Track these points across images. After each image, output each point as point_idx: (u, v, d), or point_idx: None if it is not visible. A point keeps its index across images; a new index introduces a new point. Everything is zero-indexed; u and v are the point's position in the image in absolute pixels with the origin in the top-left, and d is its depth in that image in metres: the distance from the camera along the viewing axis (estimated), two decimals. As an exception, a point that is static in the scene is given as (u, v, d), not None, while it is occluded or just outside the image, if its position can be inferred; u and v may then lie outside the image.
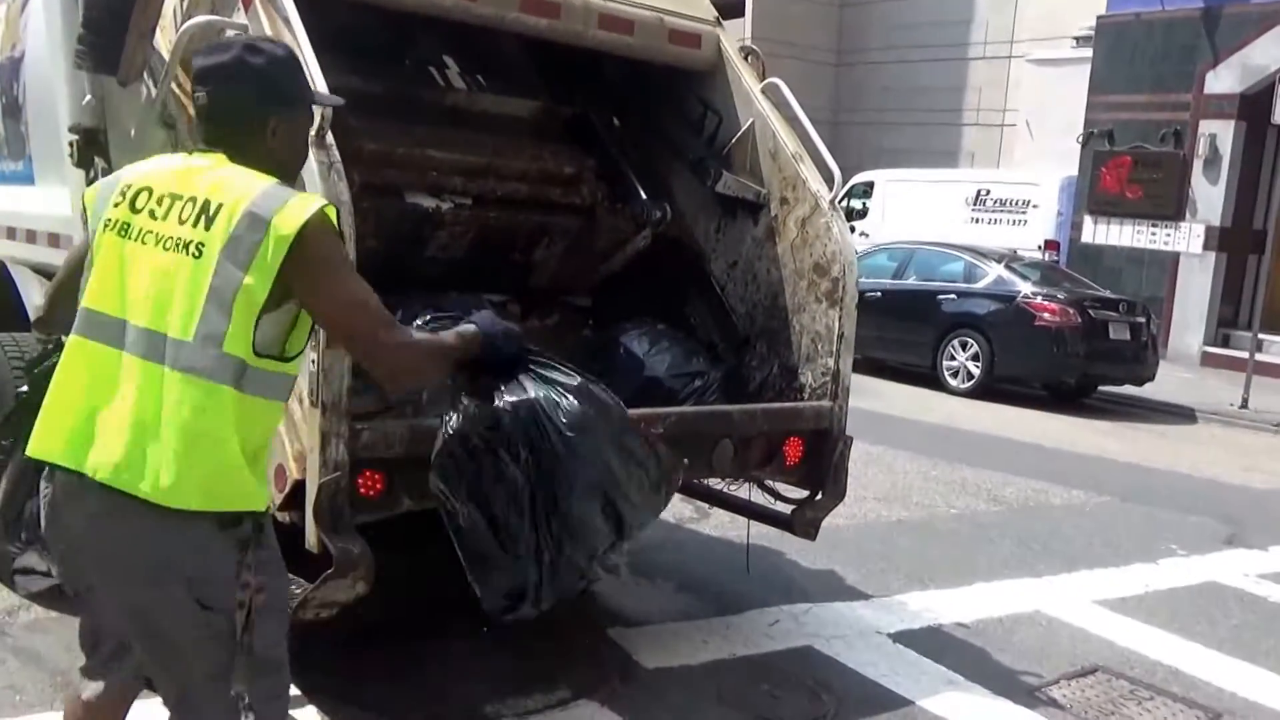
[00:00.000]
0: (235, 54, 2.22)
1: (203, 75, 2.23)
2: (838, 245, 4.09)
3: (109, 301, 2.12)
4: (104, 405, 2.08)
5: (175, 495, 2.04)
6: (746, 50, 4.56)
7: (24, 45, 4.79)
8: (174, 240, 2.09)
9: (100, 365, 2.10)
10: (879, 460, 8.06)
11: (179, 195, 2.13)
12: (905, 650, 4.47)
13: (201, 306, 2.06)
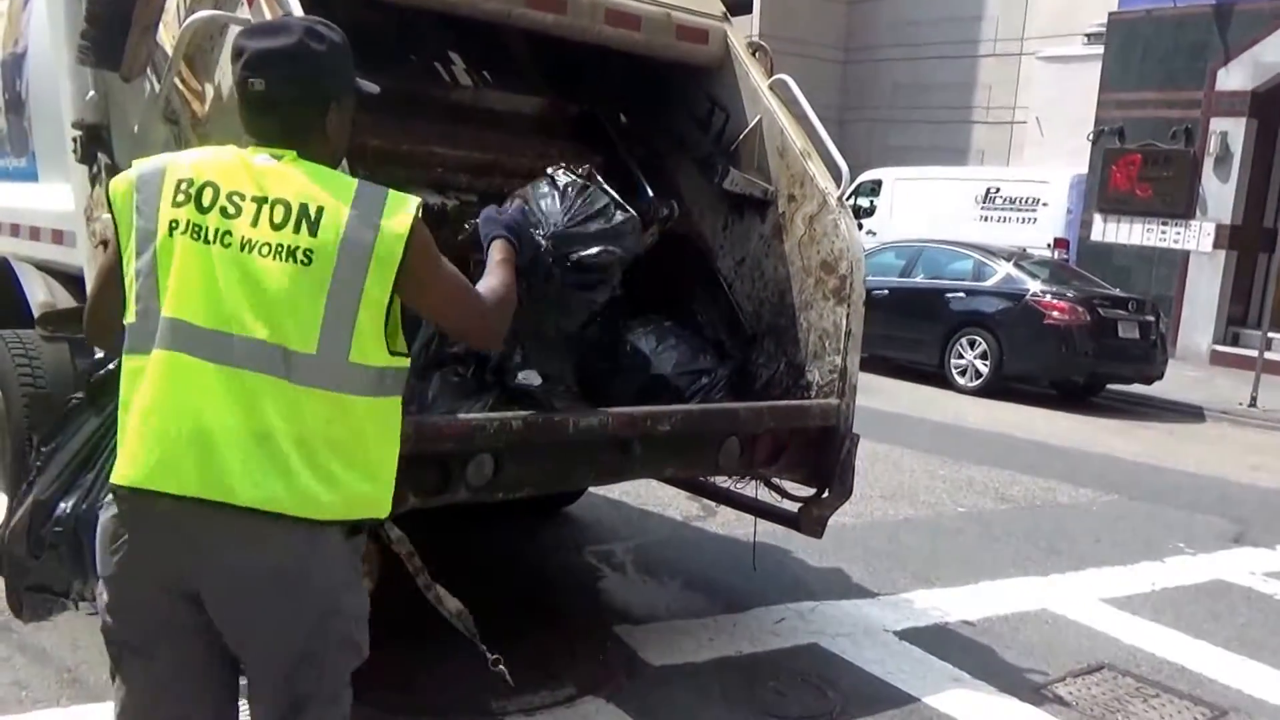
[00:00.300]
0: (297, 38, 2.07)
1: (260, 61, 2.05)
2: (845, 242, 4.08)
3: (200, 312, 1.95)
4: (215, 424, 1.93)
5: (310, 506, 1.96)
6: (755, 46, 4.54)
7: (26, 41, 4.76)
8: (272, 246, 1.95)
9: (201, 381, 1.94)
10: (886, 458, 8.05)
11: (261, 197, 1.98)
12: (911, 648, 4.47)
13: (323, 316, 1.95)
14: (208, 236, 1.96)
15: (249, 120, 2.09)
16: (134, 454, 1.96)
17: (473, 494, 3.39)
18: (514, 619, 4.38)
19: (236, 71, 2.08)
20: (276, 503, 1.94)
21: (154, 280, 1.97)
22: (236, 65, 2.08)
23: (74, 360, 4.21)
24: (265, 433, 1.94)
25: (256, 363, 1.94)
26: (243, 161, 2.02)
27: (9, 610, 4.05)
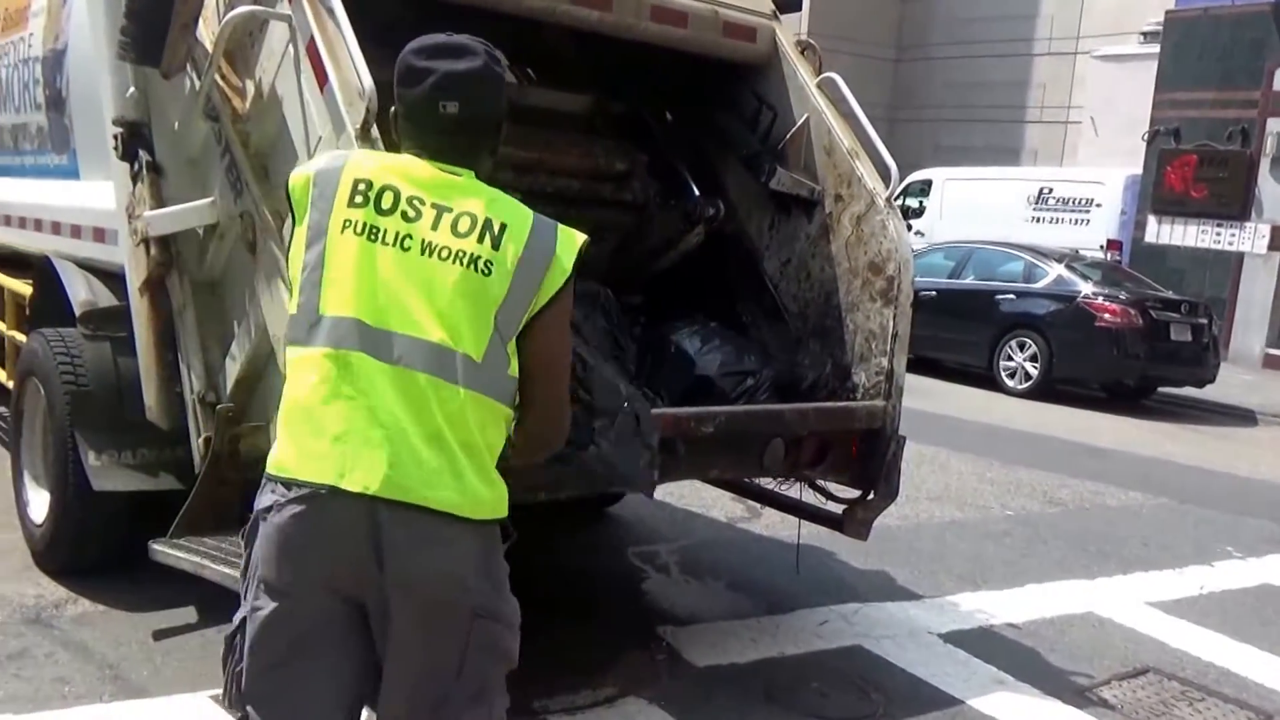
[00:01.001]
0: (484, 61, 2.09)
1: (454, 84, 2.05)
2: (893, 243, 4.03)
3: (373, 312, 1.96)
4: (392, 424, 1.94)
5: (477, 507, 2.00)
6: (803, 44, 4.49)
7: (66, 37, 4.74)
8: (453, 251, 1.98)
9: (376, 381, 1.95)
10: (933, 460, 7.97)
11: (444, 205, 2.01)
12: (955, 650, 4.42)
13: (492, 326, 1.99)
14: (385, 238, 1.97)
15: (428, 139, 2.07)
16: (310, 451, 1.96)
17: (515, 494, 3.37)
18: (557, 619, 4.38)
19: (419, 93, 2.05)
20: (451, 503, 1.96)
21: (319, 275, 1.98)
22: (417, 86, 2.06)
23: (115, 358, 4.22)
24: (436, 434, 1.95)
25: (429, 365, 1.95)
26: (432, 170, 2.04)
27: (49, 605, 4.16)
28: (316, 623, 2.02)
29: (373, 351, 1.95)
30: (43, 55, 5.05)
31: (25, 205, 5.46)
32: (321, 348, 1.96)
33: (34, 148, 5.40)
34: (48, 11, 4.98)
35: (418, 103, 2.06)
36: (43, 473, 4.55)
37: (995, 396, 11.94)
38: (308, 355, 1.98)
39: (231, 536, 3.60)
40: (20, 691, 3.48)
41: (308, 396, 1.98)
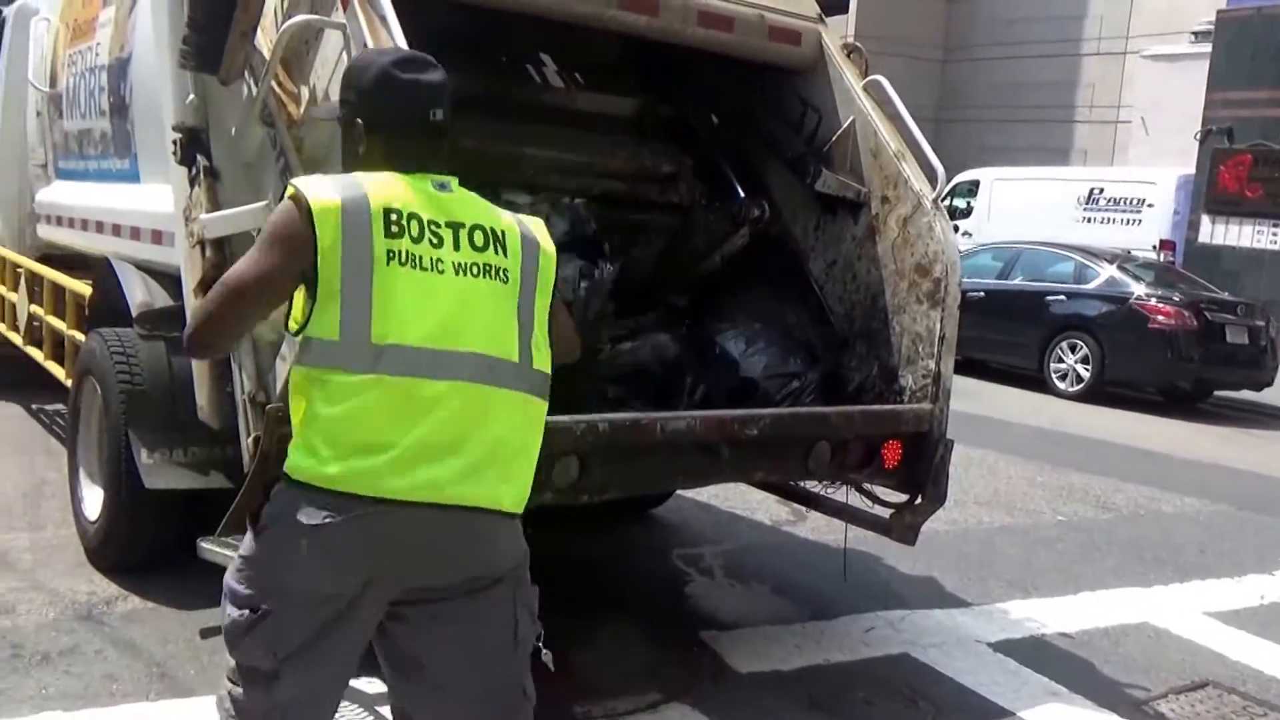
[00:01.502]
0: (443, 71, 2.22)
1: (438, 93, 2.18)
2: (940, 245, 3.99)
3: (428, 335, 2.06)
4: (455, 437, 2.07)
5: (522, 503, 2.18)
6: (849, 47, 4.48)
7: (131, 46, 4.86)
8: (480, 267, 2.12)
9: (439, 398, 2.06)
10: (981, 464, 7.88)
11: (456, 223, 2.13)
12: (1006, 659, 4.35)
13: (517, 328, 2.15)
14: (424, 264, 2.07)
15: (417, 148, 2.17)
16: (375, 468, 2.03)
17: (558, 496, 3.37)
18: (600, 622, 4.38)
19: (412, 103, 2.16)
20: (510, 504, 2.14)
21: (368, 305, 2.04)
22: (407, 97, 2.16)
23: (170, 358, 4.29)
24: (501, 441, 2.11)
25: (482, 375, 2.09)
26: (424, 191, 2.14)
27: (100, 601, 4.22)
28: (361, 626, 2.15)
29: (433, 374, 2.05)
30: (108, 64, 5.17)
31: (88, 208, 5.59)
32: (383, 375, 2.03)
33: (97, 152, 5.54)
34: (115, 22, 5.11)
35: (412, 112, 2.17)
36: (97, 470, 4.62)
37: (1045, 399, 11.80)
38: (369, 383, 2.03)
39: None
40: (70, 688, 3.53)
41: (371, 419, 2.04)
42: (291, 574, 2.08)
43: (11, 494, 5.50)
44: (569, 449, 3.30)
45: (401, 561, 2.09)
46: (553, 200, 4.29)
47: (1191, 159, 17.14)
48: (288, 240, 2.07)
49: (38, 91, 6.44)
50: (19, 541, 4.84)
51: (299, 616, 2.10)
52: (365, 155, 2.20)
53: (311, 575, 2.07)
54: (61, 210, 6.15)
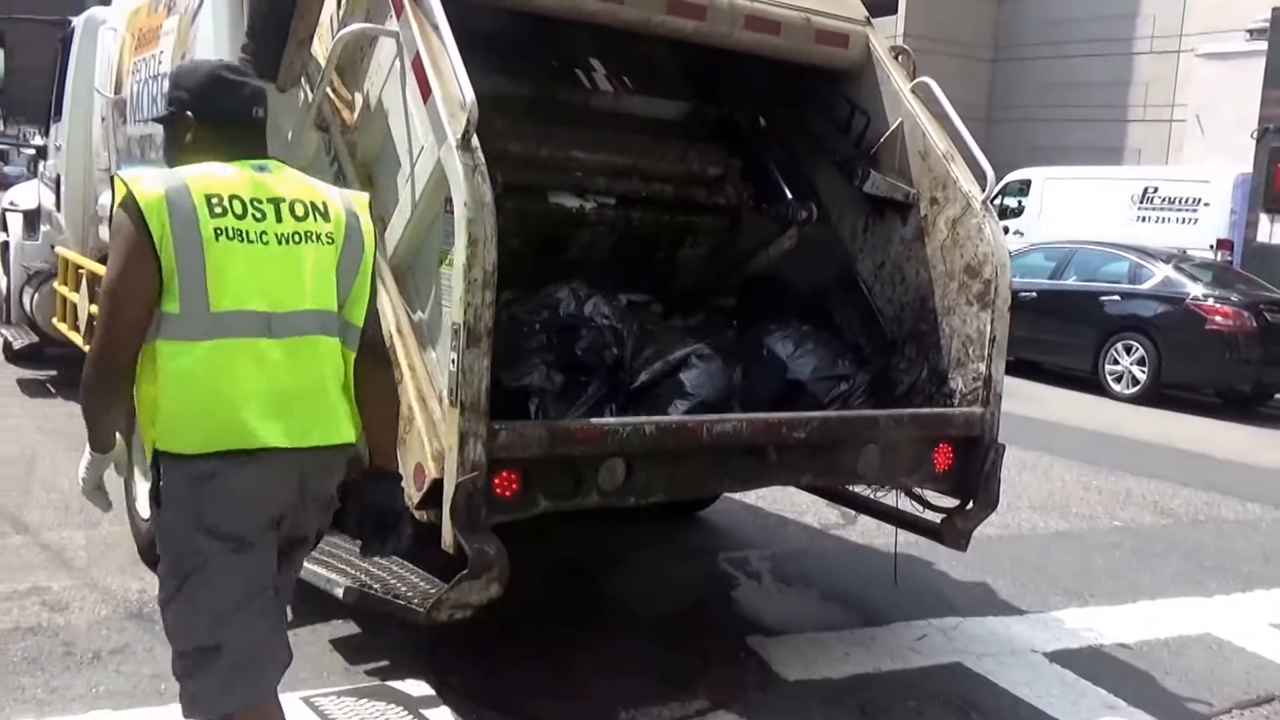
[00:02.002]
0: (260, 81, 2.67)
1: (259, 95, 2.56)
2: (990, 246, 3.95)
3: (258, 299, 2.33)
4: (294, 387, 2.37)
5: (348, 433, 2.49)
6: (897, 50, 4.48)
7: (193, 55, 4.99)
8: (302, 234, 2.41)
9: (273, 355, 2.34)
10: (1035, 467, 7.76)
11: (276, 198, 2.41)
12: (1062, 671, 4.26)
13: (337, 284, 2.46)
14: (250, 237, 2.35)
15: (241, 141, 2.49)
16: (236, 422, 2.31)
17: (604, 499, 3.39)
18: (644, 626, 4.37)
19: (239, 102, 2.51)
20: (349, 436, 2.49)
21: (202, 278, 2.29)
22: (236, 96, 2.52)
23: None
24: (323, 386, 2.43)
25: (310, 328, 2.41)
26: (245, 173, 2.43)
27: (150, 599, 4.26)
28: (267, 557, 2.44)
29: (268, 332, 2.34)
30: (170, 71, 5.28)
31: None
32: (223, 339, 2.30)
33: (158, 156, 5.62)
34: (177, 30, 5.25)
35: (239, 109, 2.52)
36: (149, 468, 4.66)
37: (1100, 401, 11.61)
38: (207, 348, 2.29)
39: (326, 536, 3.69)
40: (120, 687, 3.58)
41: (203, 386, 2.30)
42: (198, 532, 2.33)
43: (69, 491, 5.56)
44: (615, 451, 3.31)
45: (281, 501, 2.40)
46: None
47: (1248, 157, 16.77)
48: (129, 236, 2.29)
49: (103, 98, 6.60)
50: (75, 539, 4.93)
51: (219, 568, 2.34)
52: (191, 144, 2.49)
53: (214, 526, 2.33)
54: (123, 213, 6.29)
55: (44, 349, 8.18)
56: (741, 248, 4.67)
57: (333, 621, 4.10)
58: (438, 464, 3.13)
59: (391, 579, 3.35)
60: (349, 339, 2.51)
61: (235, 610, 2.37)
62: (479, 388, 3.02)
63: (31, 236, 8.83)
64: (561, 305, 3.77)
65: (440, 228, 3.24)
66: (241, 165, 2.43)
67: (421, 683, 3.71)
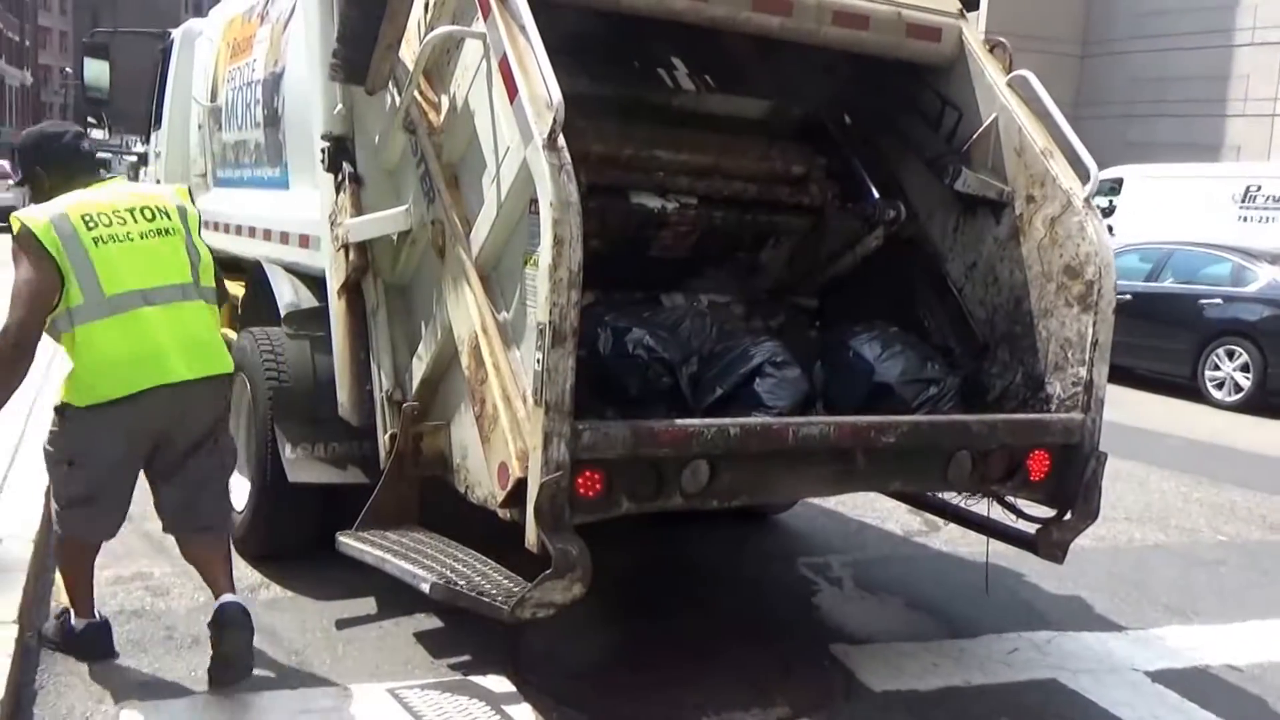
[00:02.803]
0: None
1: (80, 135, 3.72)
2: (1093, 246, 3.81)
3: (137, 280, 3.37)
4: (174, 340, 3.40)
5: (226, 365, 3.59)
6: (992, 43, 4.33)
7: (285, 62, 5.14)
8: (154, 230, 3.47)
9: (155, 319, 3.38)
10: (1130, 477, 7.50)
11: (129, 208, 3.46)
12: (1165, 691, 4.08)
13: (188, 261, 3.51)
14: (119, 238, 3.39)
15: (83, 172, 3.59)
16: (133, 374, 3.33)
17: (687, 501, 3.36)
18: (725, 631, 4.32)
19: (69, 142, 3.63)
20: (226, 367, 3.59)
21: (93, 275, 3.30)
22: (65, 139, 3.66)
23: (313, 356, 4.44)
24: (202, 332, 3.51)
25: (176, 297, 3.45)
26: (105, 193, 3.50)
27: (243, 590, 4.32)
28: (129, 452, 3.47)
29: (150, 303, 3.38)
30: (264, 78, 5.44)
31: (242, 215, 5.88)
32: (119, 314, 3.33)
33: (252, 161, 5.84)
34: (270, 39, 5.37)
35: (70, 151, 3.63)
36: (244, 463, 4.75)
37: (1200, 409, 11.21)
38: (109, 322, 3.32)
39: (413, 532, 3.76)
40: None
41: (118, 346, 3.33)
42: (94, 448, 3.41)
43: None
44: (699, 453, 3.27)
45: (160, 423, 3.45)
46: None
47: (1360, 154, 16.11)
48: (33, 251, 3.27)
49: (200, 106, 6.79)
50: (172, 528, 5.03)
51: (101, 469, 3.44)
52: (51, 189, 3.51)
53: (108, 448, 3.41)
54: (218, 217, 6.44)
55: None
56: (826, 248, 4.59)
57: (416, 615, 4.16)
58: (521, 463, 3.13)
59: (477, 576, 3.37)
60: (208, 298, 3.55)
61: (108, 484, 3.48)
62: (563, 387, 3.00)
63: None
64: (600, 344, 3.68)
65: (525, 228, 3.24)
66: (97, 188, 3.51)
67: (503, 679, 3.72)
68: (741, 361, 3.73)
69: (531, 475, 3.06)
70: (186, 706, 3.44)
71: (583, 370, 3.09)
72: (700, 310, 4.11)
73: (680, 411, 3.60)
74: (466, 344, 3.44)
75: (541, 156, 3.05)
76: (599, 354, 3.63)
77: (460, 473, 3.58)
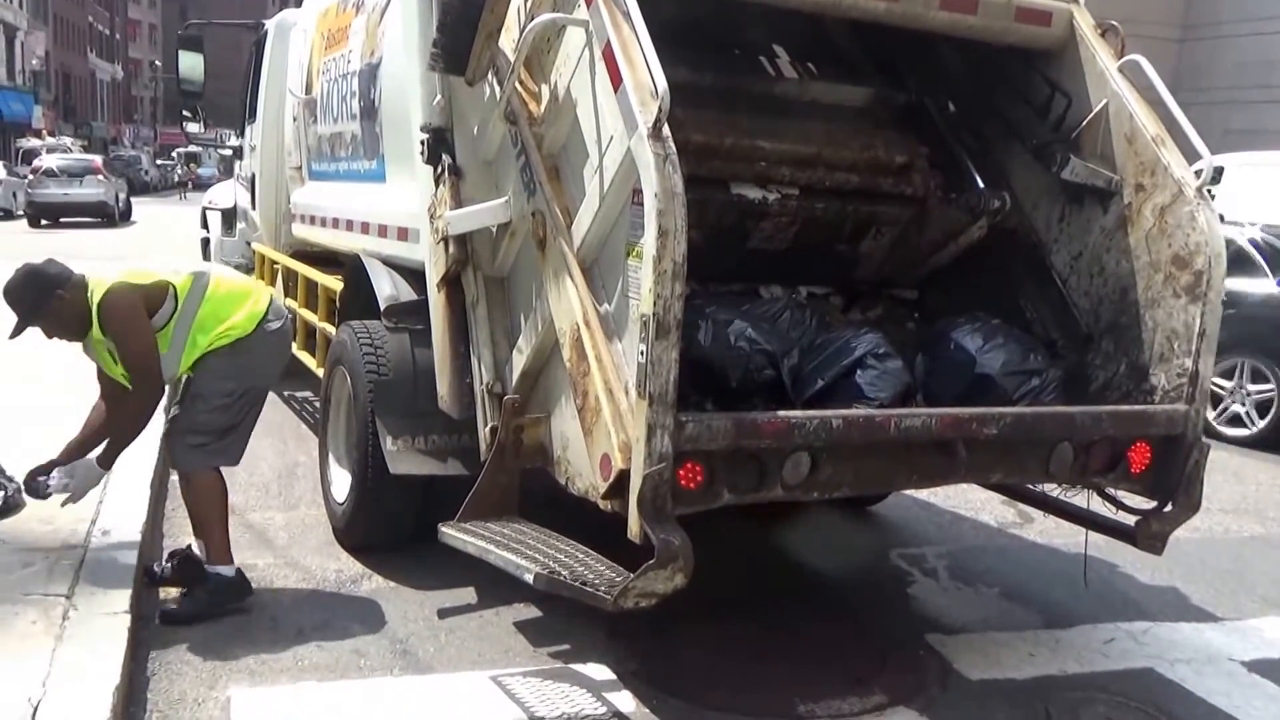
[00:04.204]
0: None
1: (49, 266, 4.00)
2: (1204, 236, 3.73)
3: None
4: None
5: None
6: (1104, 26, 4.23)
7: (381, 52, 5.12)
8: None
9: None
10: (1224, 467, 7.33)
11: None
12: (1263, 681, 4.05)
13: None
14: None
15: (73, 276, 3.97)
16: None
17: (788, 492, 3.34)
18: (821, 620, 4.34)
19: (52, 277, 3.88)
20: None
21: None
22: (49, 275, 3.87)
23: (413, 349, 4.44)
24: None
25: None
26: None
27: (347, 580, 4.44)
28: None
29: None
30: (359, 69, 5.45)
31: (338, 207, 5.92)
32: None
33: (347, 154, 5.85)
34: (366, 29, 5.37)
35: (58, 276, 3.89)
36: (345, 455, 4.86)
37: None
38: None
39: (513, 523, 3.77)
40: (322, 660, 3.75)
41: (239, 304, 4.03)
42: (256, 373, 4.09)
43: (268, 474, 5.90)
44: (800, 445, 3.26)
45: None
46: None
47: None
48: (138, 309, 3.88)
49: (294, 98, 6.85)
50: (275, 520, 5.19)
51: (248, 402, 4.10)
52: (71, 310, 3.83)
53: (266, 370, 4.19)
54: (314, 210, 6.53)
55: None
56: (928, 238, 4.52)
57: (515, 605, 4.22)
58: (624, 455, 3.12)
59: (579, 566, 3.39)
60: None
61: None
62: (667, 379, 2.98)
63: (229, 234, 9.32)
64: (700, 335, 3.65)
65: (628, 220, 3.21)
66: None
67: (603, 667, 3.77)
68: (843, 353, 3.70)
69: (635, 467, 3.04)
70: (293, 694, 3.50)
71: (682, 362, 3.06)
72: (799, 302, 4.08)
73: (779, 403, 3.58)
74: (568, 336, 3.42)
75: (646, 146, 3.01)
76: (699, 346, 3.61)
77: (561, 464, 3.57)
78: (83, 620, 3.57)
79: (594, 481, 3.30)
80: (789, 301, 4.09)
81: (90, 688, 3.13)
